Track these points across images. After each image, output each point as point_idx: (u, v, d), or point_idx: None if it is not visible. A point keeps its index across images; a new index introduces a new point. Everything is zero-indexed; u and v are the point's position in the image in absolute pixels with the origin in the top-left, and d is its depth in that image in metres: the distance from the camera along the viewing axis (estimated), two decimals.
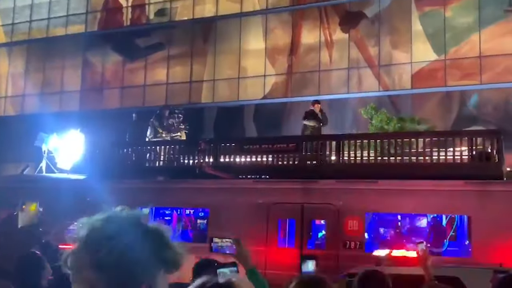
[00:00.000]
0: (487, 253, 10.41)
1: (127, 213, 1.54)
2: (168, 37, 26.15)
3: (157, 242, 1.52)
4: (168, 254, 1.53)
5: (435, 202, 11.55)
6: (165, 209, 14.21)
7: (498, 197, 11.21)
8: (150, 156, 15.51)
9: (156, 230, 1.56)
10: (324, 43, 23.09)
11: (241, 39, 24.61)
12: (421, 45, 21.11)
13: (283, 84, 23.81)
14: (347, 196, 12.29)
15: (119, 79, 26.88)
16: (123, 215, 1.53)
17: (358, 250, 11.84)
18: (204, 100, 25.07)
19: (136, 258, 1.45)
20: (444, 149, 12.51)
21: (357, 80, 22.24)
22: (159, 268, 1.49)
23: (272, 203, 12.71)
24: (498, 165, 11.92)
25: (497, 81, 19.73)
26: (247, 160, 14.60)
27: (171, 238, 1.61)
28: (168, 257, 1.52)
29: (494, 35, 20.08)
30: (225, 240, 3.55)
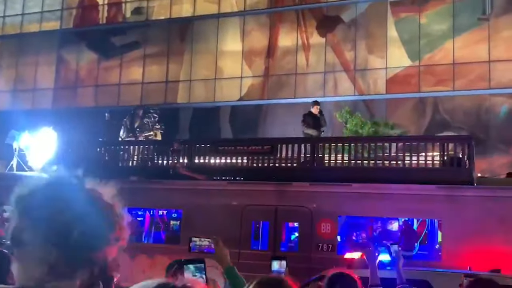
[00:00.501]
0: (457, 257, 10.57)
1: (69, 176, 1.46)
2: (145, 36, 25.95)
3: (104, 209, 1.45)
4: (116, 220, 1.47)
5: (407, 206, 11.69)
6: (138, 209, 14.08)
7: (469, 202, 11.40)
8: (124, 155, 15.36)
9: (100, 196, 1.49)
10: (301, 46, 23.19)
11: (218, 40, 24.57)
12: (396, 50, 21.36)
13: (260, 86, 23.83)
14: (320, 199, 12.36)
15: (94, 78, 26.57)
16: (65, 179, 1.45)
17: (330, 253, 11.91)
18: (180, 100, 24.93)
19: (87, 225, 1.39)
20: (417, 153, 12.67)
21: (333, 84, 22.39)
22: (109, 237, 1.43)
23: (245, 205, 12.70)
24: (469, 170, 12.12)
25: (470, 88, 20.08)
26: (222, 162, 14.58)
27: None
28: (116, 223, 1.46)
29: (467, 42, 20.42)
30: (204, 239, 3.54)
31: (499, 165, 18.23)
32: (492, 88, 19.76)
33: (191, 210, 12.95)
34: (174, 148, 14.30)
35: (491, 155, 18.60)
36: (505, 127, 19.24)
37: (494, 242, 10.74)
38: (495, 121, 19.57)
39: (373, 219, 12.73)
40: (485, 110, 19.90)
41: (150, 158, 15.09)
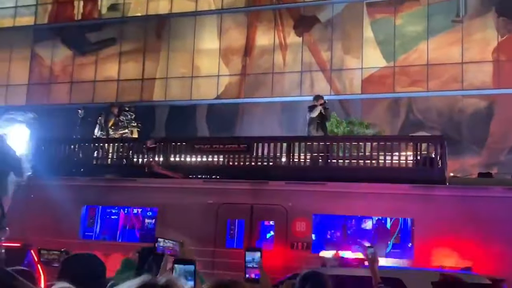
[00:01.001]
0: (429, 255, 10.75)
1: None
2: (121, 33, 25.71)
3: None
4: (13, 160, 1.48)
5: (381, 205, 11.83)
6: (112, 207, 13.96)
7: (441, 201, 11.58)
8: (98, 153, 15.21)
9: None
10: (278, 45, 23.26)
11: (195, 38, 24.48)
12: (371, 51, 21.58)
13: (237, 84, 23.83)
14: (295, 198, 12.42)
15: (69, 74, 26.23)
16: None
17: (305, 251, 11.98)
18: (156, 98, 24.78)
19: None
20: (391, 153, 12.83)
21: (309, 83, 22.51)
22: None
23: (221, 203, 12.70)
24: (441, 170, 12.31)
25: (443, 89, 20.41)
26: (198, 160, 14.54)
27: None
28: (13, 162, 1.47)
29: (441, 44, 20.74)
30: (168, 241, 3.49)
31: (471, 165, 18.58)
32: (465, 89, 20.12)
33: (167, 209, 12.89)
34: (147, 146, 14.21)
35: (464, 155, 18.94)
36: (477, 128, 19.61)
37: (465, 240, 10.94)
38: (468, 122, 19.93)
39: (347, 217, 12.86)
40: (457, 110, 20.25)
41: (125, 156, 14.97)
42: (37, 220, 12.63)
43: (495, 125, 19.57)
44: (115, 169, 14.42)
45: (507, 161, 18.53)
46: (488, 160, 19.03)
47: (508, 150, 19.14)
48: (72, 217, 13.03)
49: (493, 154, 19.21)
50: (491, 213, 11.15)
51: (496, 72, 19.97)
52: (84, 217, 13.74)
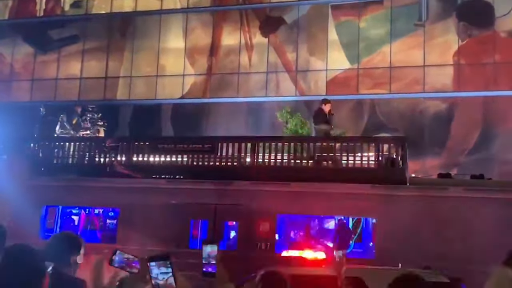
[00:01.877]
0: (390, 254, 10.90)
1: None
2: (84, 30, 25.26)
3: None
4: None
5: (344, 204, 11.97)
6: (73, 207, 13.72)
7: (402, 201, 11.79)
8: (59, 152, 14.90)
9: None
10: (244, 46, 23.25)
11: (161, 37, 24.26)
12: (336, 53, 21.80)
13: (202, 84, 23.71)
14: (260, 198, 12.45)
15: (30, 71, 25.62)
16: None
17: (268, 251, 12.02)
18: (119, 97, 24.43)
19: None
20: (353, 154, 12.99)
21: (275, 84, 22.58)
22: None
23: (184, 204, 12.62)
24: (402, 170, 12.53)
25: (405, 91, 20.77)
26: (161, 160, 14.42)
27: None
28: None
29: (404, 47, 21.11)
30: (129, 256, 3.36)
31: (432, 166, 18.94)
32: (426, 92, 20.52)
33: (129, 209, 12.75)
34: (107, 145, 14.01)
35: (425, 156, 19.30)
36: (438, 129, 20.02)
37: (425, 239, 11.15)
38: (429, 124, 20.33)
39: (311, 217, 12.95)
40: (419, 113, 20.64)
41: (86, 155, 14.72)
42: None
43: (455, 127, 20.02)
44: (76, 168, 14.17)
45: (467, 163, 18.97)
46: (448, 161, 19.45)
47: (467, 152, 19.60)
48: (32, 218, 12.74)
49: (453, 155, 19.64)
50: (450, 212, 11.41)
51: (456, 75, 20.44)
52: (44, 217, 13.45)
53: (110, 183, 13.17)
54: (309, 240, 12.59)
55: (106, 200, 13.13)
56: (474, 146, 19.50)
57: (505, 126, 19.19)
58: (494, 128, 19.34)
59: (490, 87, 19.72)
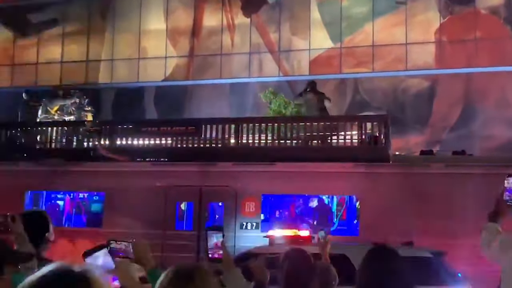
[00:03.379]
0: (374, 231, 11.05)
1: None
2: (63, 13, 24.87)
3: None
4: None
5: (327, 183, 12.08)
6: (57, 193, 13.68)
7: (384, 178, 11.93)
8: (42, 137, 14.80)
9: None
10: (226, 26, 23.10)
11: (141, 19, 24.00)
12: (319, 32, 21.76)
13: (185, 66, 23.57)
14: (244, 179, 12.52)
15: (9, 56, 25.23)
16: None
17: (254, 231, 12.13)
18: (101, 80, 24.21)
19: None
20: (337, 133, 13.08)
21: (258, 64, 22.53)
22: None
23: (169, 186, 12.64)
24: (385, 148, 12.66)
25: (388, 70, 20.85)
26: (145, 143, 14.40)
27: None
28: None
29: (386, 25, 21.14)
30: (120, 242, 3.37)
31: (415, 143, 19.12)
32: (409, 69, 20.62)
33: (114, 193, 12.74)
34: (89, 129, 13.93)
35: (407, 134, 19.48)
36: (420, 107, 20.19)
37: (408, 216, 11.32)
38: (411, 102, 20.48)
39: (296, 197, 13.06)
40: (401, 90, 20.76)
41: (69, 139, 14.64)
42: None
43: (437, 105, 20.19)
44: (60, 153, 14.09)
45: (449, 139, 19.18)
46: (430, 138, 19.65)
47: (449, 129, 19.81)
48: (15, 203, 12.67)
49: (436, 132, 19.84)
50: (433, 188, 11.57)
51: (438, 53, 20.55)
52: (29, 203, 13.40)
53: (95, 167, 13.14)
54: (294, 219, 12.72)
55: (90, 184, 13.10)
56: (456, 123, 19.71)
57: (486, 103, 19.41)
58: (475, 104, 19.55)
59: (471, 64, 19.87)
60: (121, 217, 12.22)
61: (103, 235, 10.56)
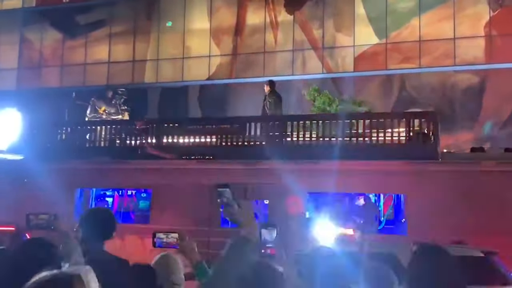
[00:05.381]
0: (423, 230, 10.82)
1: None
2: (110, 15, 25.41)
3: None
4: None
5: (374, 181, 11.89)
6: (106, 190, 13.98)
7: (434, 177, 11.65)
8: (91, 136, 15.16)
9: None
10: (269, 24, 23.08)
11: (186, 18, 24.26)
12: (363, 28, 21.45)
13: (228, 65, 23.69)
14: (289, 177, 12.46)
15: (59, 57, 25.97)
16: None
17: None
18: (147, 80, 24.62)
19: None
20: (383, 130, 12.85)
21: (301, 62, 22.41)
22: None
23: (214, 184, 12.72)
24: (434, 145, 12.36)
25: (435, 65, 20.36)
26: (191, 141, 14.54)
27: None
28: None
29: (433, 20, 20.64)
30: (170, 235, 3.44)
31: (464, 141, 18.62)
32: (457, 65, 20.08)
33: (160, 190, 12.92)
34: (137, 128, 14.18)
35: (456, 131, 18.98)
36: (469, 103, 19.64)
37: (458, 215, 11.03)
38: (460, 97, 19.95)
39: (341, 195, 12.92)
40: (450, 86, 20.24)
41: (118, 138, 14.94)
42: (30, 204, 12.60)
43: (487, 100, 19.59)
44: (108, 151, 14.40)
45: (500, 136, 18.59)
46: (481, 135, 19.10)
47: (500, 125, 19.19)
48: (66, 201, 13.02)
49: None
50: (484, 187, 11.24)
51: (488, 47, 19.93)
52: (79, 200, 13.75)
53: (142, 165, 13.36)
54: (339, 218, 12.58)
55: (138, 182, 13.33)
56: (508, 119, 19.08)
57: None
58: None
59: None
60: (168, 214, 12.38)
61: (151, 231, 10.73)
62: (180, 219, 12.19)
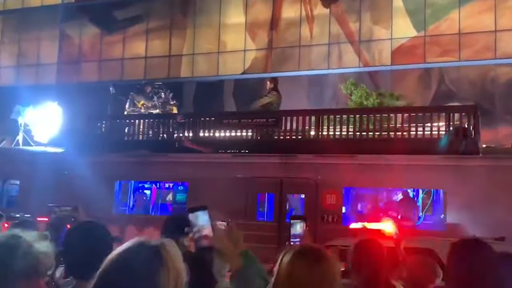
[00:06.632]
0: (462, 226, 10.64)
1: None
2: (147, 10, 25.73)
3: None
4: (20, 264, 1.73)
5: (412, 176, 11.72)
6: (144, 183, 14.19)
7: (474, 172, 11.41)
8: (129, 130, 15.41)
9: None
10: (304, 18, 22.96)
11: (221, 13, 24.35)
12: (401, 21, 21.11)
13: (263, 59, 23.69)
14: (325, 171, 12.41)
15: (97, 52, 26.45)
16: None
17: (335, 224, 12.00)
18: (183, 74, 24.85)
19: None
20: (422, 124, 12.66)
21: (337, 55, 22.23)
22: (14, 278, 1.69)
23: (251, 177, 12.77)
24: (474, 140, 12.11)
25: (475, 58, 19.91)
26: (227, 135, 14.63)
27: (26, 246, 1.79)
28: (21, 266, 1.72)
29: (473, 12, 20.17)
30: (219, 223, 3.45)
31: (505, 135, 18.19)
32: (498, 58, 19.58)
33: (197, 183, 13.03)
34: (177, 121, 14.36)
35: (497, 125, 18.56)
36: (511, 97, 19.15)
37: (498, 211, 10.78)
38: (501, 92, 19.47)
39: (379, 190, 12.80)
40: (490, 80, 19.79)
41: (156, 131, 15.16)
42: (71, 195, 12.90)
43: None
44: (146, 144, 14.62)
45: None
46: None
47: None
48: (106, 193, 13.28)
49: None
50: None
51: None
52: (118, 192, 14.01)
53: (179, 158, 13.50)
54: (377, 213, 12.46)
55: (175, 175, 13.49)
56: None
57: None
58: None
59: None
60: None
61: None
62: (216, 212, 12.27)
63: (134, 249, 1.59)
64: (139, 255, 1.57)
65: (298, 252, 2.29)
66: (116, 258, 1.59)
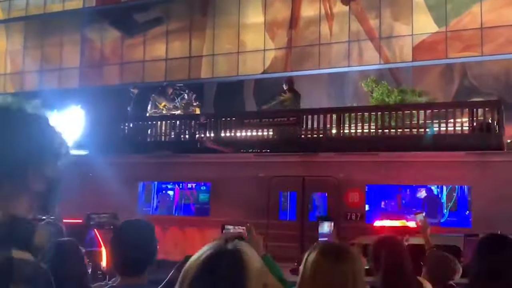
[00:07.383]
0: (487, 222, 10.50)
1: None
2: (167, 12, 25.90)
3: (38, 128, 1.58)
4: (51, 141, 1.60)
5: (436, 173, 11.62)
6: (167, 183, 14.31)
7: (498, 167, 11.27)
8: (152, 131, 15.56)
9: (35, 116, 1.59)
10: (324, 16, 22.86)
11: (240, 13, 24.40)
12: (422, 16, 20.88)
13: (283, 58, 23.66)
14: (347, 169, 12.38)
15: (118, 55, 26.72)
16: None
17: (358, 221, 11.96)
18: (203, 75, 24.96)
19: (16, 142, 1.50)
20: (445, 120, 12.53)
21: (357, 53, 22.09)
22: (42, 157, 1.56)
23: (272, 177, 12.79)
24: (498, 135, 11.96)
25: (498, 53, 19.58)
26: (248, 134, 14.67)
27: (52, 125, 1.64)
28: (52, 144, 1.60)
29: (495, 6, 19.85)
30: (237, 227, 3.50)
31: None
32: None
33: (220, 183, 13.11)
34: (200, 122, 14.45)
35: None
36: None
37: None
38: None
39: (402, 187, 12.71)
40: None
41: (178, 132, 15.28)
42: (96, 197, 13.09)
43: None
44: (169, 145, 14.74)
45: None
46: None
47: None
48: (129, 194, 13.44)
49: None
50: None
51: None
52: (141, 193, 14.15)
53: (201, 159, 13.60)
54: (400, 210, 12.38)
55: (198, 175, 13.59)
56: None
57: None
58: None
59: None
60: (227, 207, 12.55)
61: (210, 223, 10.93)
62: (238, 211, 12.34)
63: (216, 255, 1.52)
64: (222, 260, 1.50)
65: (322, 250, 2.29)
66: (201, 266, 1.49)
